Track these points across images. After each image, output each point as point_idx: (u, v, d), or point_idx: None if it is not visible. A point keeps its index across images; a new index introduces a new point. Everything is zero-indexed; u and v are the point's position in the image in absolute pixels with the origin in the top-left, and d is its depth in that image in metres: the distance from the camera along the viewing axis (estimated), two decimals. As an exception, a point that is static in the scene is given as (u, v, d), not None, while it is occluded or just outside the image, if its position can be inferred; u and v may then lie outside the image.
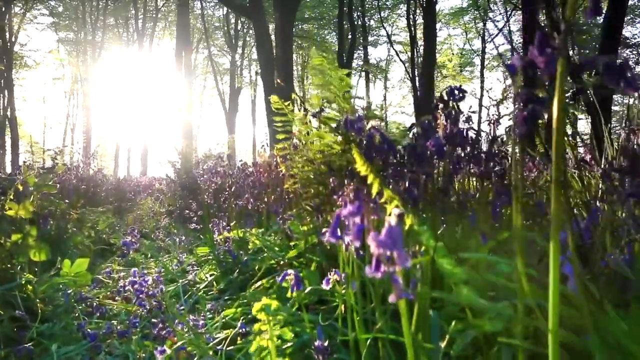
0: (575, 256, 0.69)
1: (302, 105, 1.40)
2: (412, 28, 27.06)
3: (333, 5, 28.08)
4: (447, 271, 0.68)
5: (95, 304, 1.75)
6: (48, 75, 49.97)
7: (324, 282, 1.01)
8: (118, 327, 1.50)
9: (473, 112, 1.50)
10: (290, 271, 0.91)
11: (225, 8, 27.17)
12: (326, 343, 0.93)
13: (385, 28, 30.28)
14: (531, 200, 1.36)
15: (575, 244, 0.89)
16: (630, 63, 0.55)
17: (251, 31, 27.60)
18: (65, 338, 1.58)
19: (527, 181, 1.92)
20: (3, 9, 26.75)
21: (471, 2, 29.58)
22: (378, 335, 0.85)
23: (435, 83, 25.10)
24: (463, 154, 1.15)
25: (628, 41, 25.45)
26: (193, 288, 1.82)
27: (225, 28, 30.80)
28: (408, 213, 0.71)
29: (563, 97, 0.50)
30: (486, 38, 30.82)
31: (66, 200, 2.68)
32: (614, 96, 12.21)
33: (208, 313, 1.53)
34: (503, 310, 0.72)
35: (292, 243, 1.60)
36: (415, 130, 1.39)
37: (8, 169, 27.87)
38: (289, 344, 1.10)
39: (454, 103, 1.18)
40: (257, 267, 1.70)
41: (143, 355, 1.38)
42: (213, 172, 2.00)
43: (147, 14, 29.71)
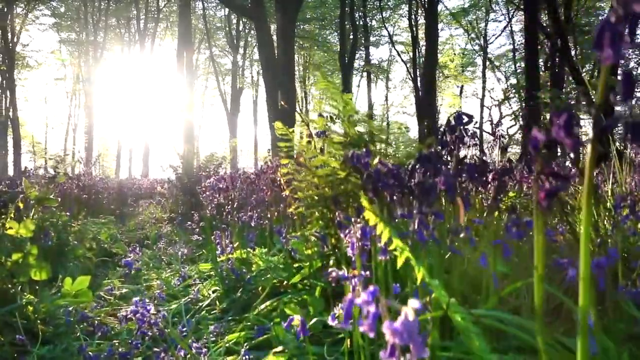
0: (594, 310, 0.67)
1: (307, 126, 1.38)
2: (414, 28, 27.03)
3: (335, 5, 28.03)
4: (461, 327, 0.66)
5: (96, 323, 1.73)
6: (50, 75, 50.01)
7: (330, 318, 0.98)
8: (120, 349, 1.48)
9: (477, 129, 1.47)
10: (296, 317, 0.89)
11: (227, 8, 27.13)
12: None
13: (387, 28, 30.25)
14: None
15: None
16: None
17: (253, 31, 27.59)
18: (66, 360, 1.56)
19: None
20: (5, 10, 26.78)
21: (473, 3, 29.54)
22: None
23: (437, 83, 25.06)
24: (471, 185, 1.14)
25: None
26: (195, 307, 1.80)
27: (226, 28, 30.79)
28: (419, 264, 0.69)
29: (592, 180, 0.47)
30: (488, 38, 30.78)
31: (67, 212, 2.66)
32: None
33: (211, 335, 1.51)
34: None
35: (296, 265, 1.58)
36: (422, 154, 1.37)
37: (10, 169, 27.93)
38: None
39: (461, 128, 1.16)
40: (261, 287, 1.68)
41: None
42: (215, 189, 1.97)
43: (149, 15, 29.71)
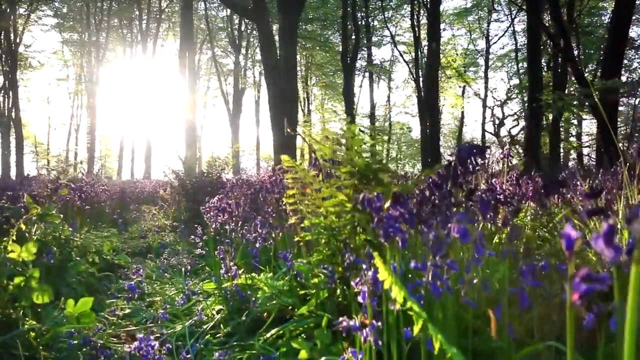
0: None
1: (313, 153, 1.35)
2: (416, 28, 26.97)
3: (337, 5, 27.99)
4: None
5: (99, 346, 1.71)
6: (52, 76, 50.11)
7: (339, 362, 0.96)
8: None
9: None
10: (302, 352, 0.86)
11: (229, 9, 27.09)
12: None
13: (389, 28, 30.19)
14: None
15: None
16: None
17: (255, 32, 27.55)
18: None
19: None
20: (8, 10, 26.82)
21: (475, 3, 29.48)
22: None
23: (439, 83, 24.99)
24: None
25: (634, 42, 25.23)
26: (199, 329, 1.78)
27: (228, 29, 30.76)
28: (435, 330, 0.66)
29: (636, 299, 0.44)
30: (490, 38, 30.72)
31: (70, 225, 2.64)
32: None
33: (215, 363, 1.49)
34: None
35: (302, 292, 1.55)
36: (430, 180, 1.34)
37: (12, 170, 27.95)
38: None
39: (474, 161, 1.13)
40: (266, 312, 1.65)
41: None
42: (219, 209, 1.95)
43: (151, 15, 29.71)
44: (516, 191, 1.97)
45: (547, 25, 20.14)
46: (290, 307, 1.58)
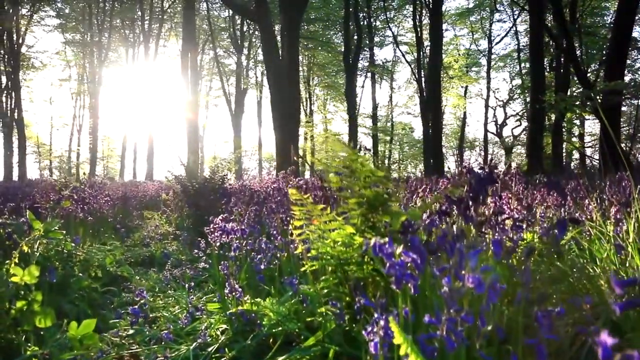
0: None
1: (321, 180, 1.33)
2: (418, 29, 26.90)
3: (339, 5, 27.97)
4: None
5: (103, 369, 1.69)
6: (55, 76, 50.30)
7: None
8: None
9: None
10: None
11: (231, 10, 27.06)
12: None
13: (391, 29, 30.15)
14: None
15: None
16: None
17: (257, 32, 27.57)
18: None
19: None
20: (10, 11, 26.85)
21: (477, 3, 29.42)
22: None
23: (441, 84, 24.94)
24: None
25: (637, 43, 25.11)
26: (204, 352, 1.76)
27: (231, 29, 30.77)
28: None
29: None
30: (492, 39, 30.67)
31: (72, 240, 2.62)
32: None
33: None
34: None
35: (309, 319, 1.53)
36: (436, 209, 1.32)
37: (15, 170, 27.99)
38: None
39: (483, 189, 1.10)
40: (272, 335, 1.63)
41: None
42: (223, 230, 1.94)
43: (153, 16, 29.73)
44: (528, 210, 1.94)
45: (550, 25, 20.08)
46: (296, 331, 1.56)
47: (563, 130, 23.95)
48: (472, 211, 1.11)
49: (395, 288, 0.82)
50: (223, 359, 1.69)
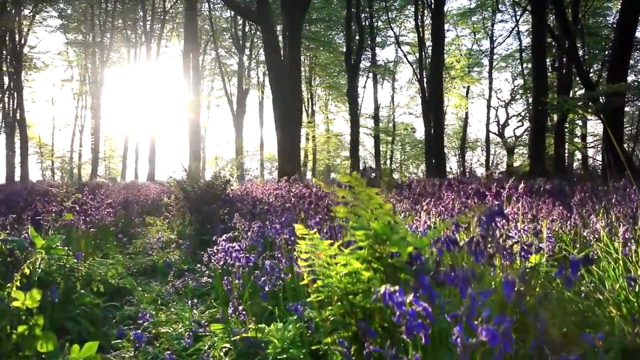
0: None
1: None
2: (420, 29, 26.85)
3: (340, 6, 27.92)
4: None
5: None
6: (57, 77, 50.29)
7: None
8: None
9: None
10: None
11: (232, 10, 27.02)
12: None
13: (392, 29, 30.09)
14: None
15: None
16: None
17: (259, 33, 27.51)
18: None
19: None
20: (13, 12, 26.87)
21: (479, 3, 29.33)
22: None
23: (443, 84, 24.87)
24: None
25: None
26: (207, 375, 1.74)
27: (232, 30, 30.74)
28: None
29: None
30: (495, 39, 30.58)
31: (74, 252, 2.61)
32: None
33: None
34: None
35: (314, 347, 1.51)
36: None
37: (17, 170, 28.01)
38: None
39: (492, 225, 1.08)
40: (276, 360, 1.61)
41: None
42: (226, 251, 1.92)
43: (155, 16, 29.71)
44: (534, 226, 1.92)
45: (552, 26, 19.99)
46: (301, 358, 1.54)
47: (565, 130, 23.87)
48: (482, 247, 1.09)
49: (406, 337, 0.80)
50: (227, 383, 1.67)
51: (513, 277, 0.91)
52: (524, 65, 29.39)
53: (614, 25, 22.81)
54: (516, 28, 28.66)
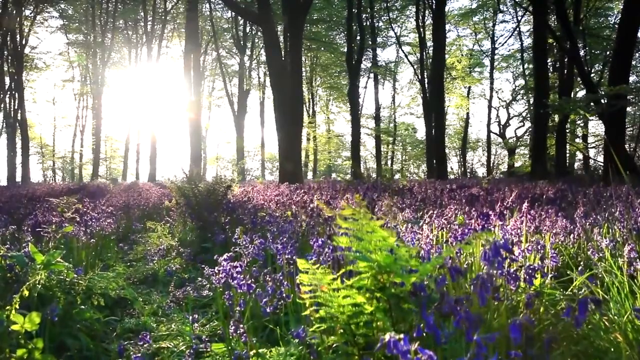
0: None
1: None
2: (421, 29, 26.82)
3: (341, 6, 27.90)
4: None
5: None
6: (58, 77, 50.41)
7: None
8: None
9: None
10: None
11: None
12: None
13: (394, 29, 30.10)
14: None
15: None
16: None
17: (260, 33, 27.51)
18: None
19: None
20: (14, 12, 26.90)
21: (480, 3, 29.28)
22: None
23: (444, 84, 24.85)
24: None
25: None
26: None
27: (233, 30, 30.74)
28: None
29: None
30: (496, 39, 30.53)
31: (75, 264, 2.60)
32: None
33: None
34: None
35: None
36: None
37: (19, 171, 28.04)
38: None
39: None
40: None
41: None
42: (227, 272, 1.91)
43: (156, 17, 29.72)
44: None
45: (553, 26, 19.94)
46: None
47: (566, 131, 23.84)
48: (488, 285, 1.08)
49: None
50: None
51: (520, 321, 0.89)
52: (525, 65, 29.35)
53: (616, 25, 22.76)
54: (517, 28, 28.61)
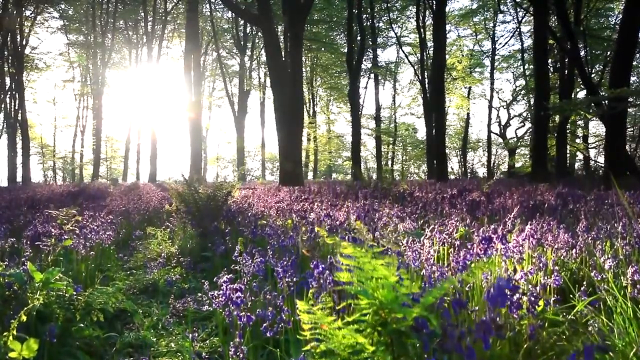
0: None
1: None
2: (422, 30, 26.80)
3: (342, 7, 27.87)
4: None
5: None
6: (58, 77, 50.34)
7: None
8: None
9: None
10: None
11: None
12: None
13: (394, 30, 30.06)
14: None
15: None
16: None
17: (260, 33, 27.47)
18: None
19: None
20: (14, 13, 26.88)
21: (481, 4, 29.25)
22: None
23: (444, 85, 24.81)
24: None
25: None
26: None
27: (234, 30, 30.72)
28: None
29: None
30: (496, 39, 30.47)
31: (74, 280, 2.58)
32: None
33: None
34: None
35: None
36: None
37: (19, 171, 28.02)
38: None
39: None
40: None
41: None
42: (228, 297, 1.90)
43: (157, 17, 29.69)
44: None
45: (554, 27, 19.90)
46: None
47: (567, 132, 23.80)
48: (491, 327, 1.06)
49: None
50: None
51: None
52: (526, 66, 29.30)
53: (616, 26, 22.70)
54: (518, 29, 28.56)
